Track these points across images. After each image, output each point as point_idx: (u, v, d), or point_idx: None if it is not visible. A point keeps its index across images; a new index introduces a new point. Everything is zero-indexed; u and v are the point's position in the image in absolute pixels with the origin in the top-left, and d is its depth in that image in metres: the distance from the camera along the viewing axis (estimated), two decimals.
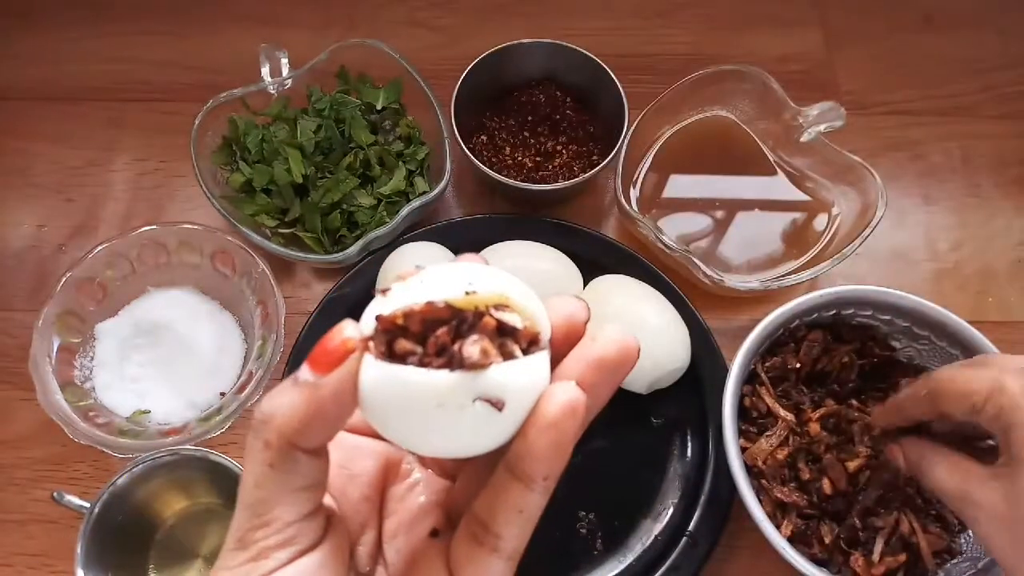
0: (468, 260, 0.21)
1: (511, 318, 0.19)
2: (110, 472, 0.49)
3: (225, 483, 0.46)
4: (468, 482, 0.23)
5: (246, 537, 0.19)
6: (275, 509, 0.19)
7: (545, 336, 0.20)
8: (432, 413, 0.18)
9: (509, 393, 0.18)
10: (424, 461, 0.25)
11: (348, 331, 0.19)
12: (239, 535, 0.19)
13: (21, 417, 0.53)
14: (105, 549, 0.44)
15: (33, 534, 0.50)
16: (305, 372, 0.19)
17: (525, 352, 0.19)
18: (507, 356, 0.18)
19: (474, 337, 0.18)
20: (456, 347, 0.18)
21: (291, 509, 0.19)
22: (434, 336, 0.18)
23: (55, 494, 0.47)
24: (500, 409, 0.18)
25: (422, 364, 0.18)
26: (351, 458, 0.24)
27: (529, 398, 0.19)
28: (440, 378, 0.18)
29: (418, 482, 0.24)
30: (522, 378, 0.18)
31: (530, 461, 0.18)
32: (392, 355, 0.18)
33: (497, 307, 0.19)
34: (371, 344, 0.18)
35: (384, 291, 0.19)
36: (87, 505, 0.44)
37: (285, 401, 0.19)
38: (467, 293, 0.19)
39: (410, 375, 0.18)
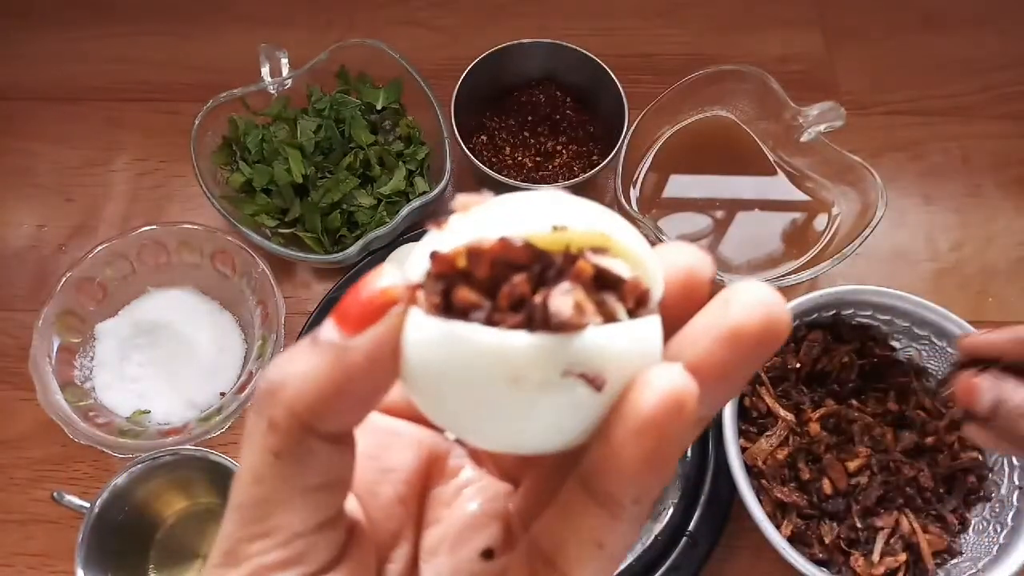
0: (540, 192, 0.15)
1: (614, 264, 0.14)
2: (110, 472, 0.49)
3: (225, 483, 0.46)
4: (535, 488, 0.17)
5: (237, 549, 0.14)
6: (279, 514, 0.14)
7: (657, 294, 0.14)
8: (502, 390, 0.13)
9: (611, 368, 0.13)
10: (479, 457, 0.19)
11: (391, 276, 0.14)
12: (227, 545, 0.14)
13: (21, 417, 0.53)
14: (105, 549, 0.44)
15: (33, 534, 0.50)
16: (329, 330, 0.14)
17: (631, 314, 0.14)
18: (607, 318, 0.13)
19: (565, 286, 0.13)
20: (539, 300, 0.13)
21: (300, 515, 0.14)
22: (509, 284, 0.13)
23: (55, 494, 0.47)
24: (599, 388, 0.13)
25: (491, 322, 0.13)
26: (384, 447, 0.18)
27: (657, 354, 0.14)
28: (517, 341, 0.13)
29: (470, 483, 0.18)
30: (629, 348, 0.13)
31: (615, 477, 0.13)
32: (450, 309, 0.13)
33: (595, 250, 0.14)
34: (420, 294, 0.14)
35: (440, 223, 0.14)
36: (87, 505, 0.44)
37: (300, 367, 0.13)
38: (555, 228, 0.13)
39: (475, 336, 0.13)
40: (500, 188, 0.55)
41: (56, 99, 0.63)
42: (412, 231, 0.55)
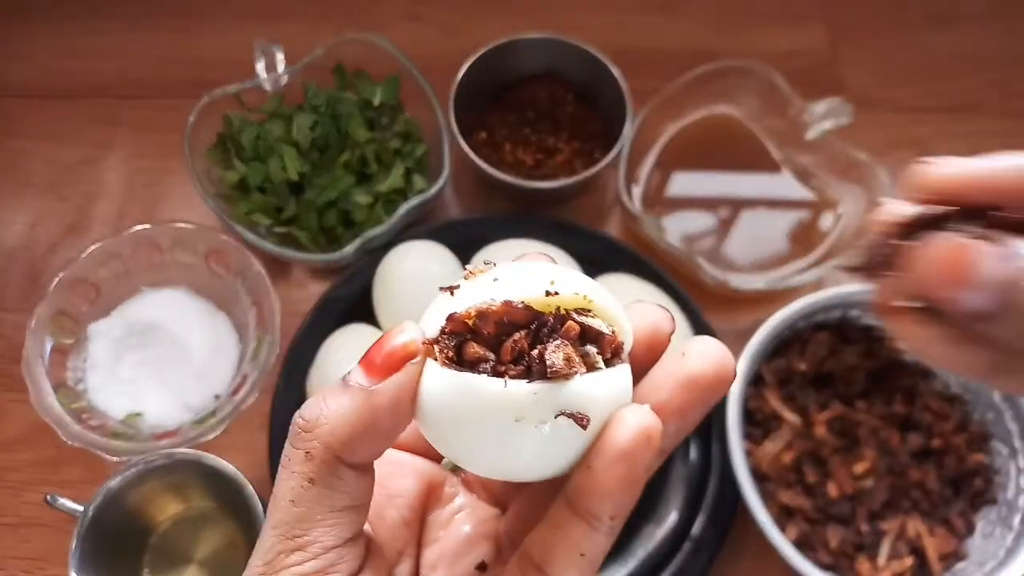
0: (535, 259, 0.19)
1: (596, 323, 0.17)
2: (104, 475, 0.48)
3: (220, 487, 0.45)
4: (522, 512, 0.21)
5: (277, 561, 0.17)
6: (314, 531, 0.17)
7: (628, 345, 0.18)
8: (506, 428, 0.16)
9: (593, 408, 0.16)
10: (471, 484, 0.22)
11: (411, 332, 0.17)
12: (269, 557, 0.17)
13: (14, 419, 0.52)
14: (99, 553, 0.43)
15: (27, 537, 0.50)
16: (358, 375, 0.17)
17: (608, 363, 0.17)
18: (590, 367, 0.16)
19: (557, 342, 0.16)
20: (536, 354, 0.16)
21: (332, 532, 0.17)
22: (511, 340, 0.16)
23: (48, 497, 0.46)
24: (584, 426, 0.16)
25: (496, 373, 0.16)
26: (390, 475, 0.21)
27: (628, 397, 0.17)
28: (519, 389, 0.16)
29: (463, 508, 0.22)
30: (607, 392, 0.16)
31: (595, 497, 0.16)
32: (461, 362, 0.16)
33: (579, 311, 0.17)
34: (436, 348, 0.17)
35: (451, 289, 0.17)
36: (81, 508, 0.43)
37: (334, 408, 0.16)
38: (548, 294, 0.17)
39: (484, 385, 0.16)
40: (500, 186, 0.54)
41: (48, 96, 0.63)
42: (410, 229, 0.54)
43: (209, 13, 0.65)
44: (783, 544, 0.42)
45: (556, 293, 0.17)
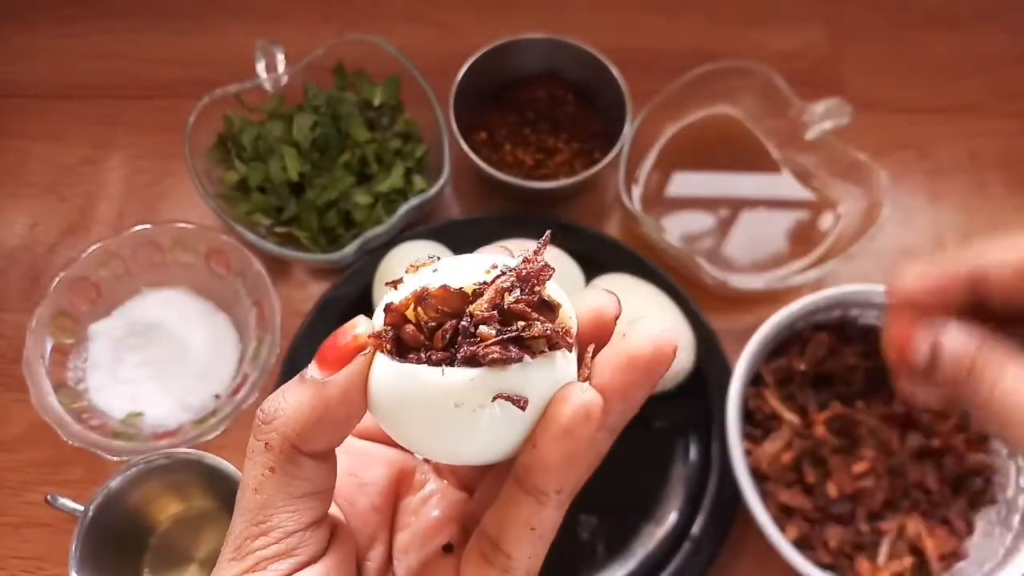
0: (489, 251, 0.19)
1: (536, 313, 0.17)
2: (104, 475, 0.48)
3: (220, 486, 0.45)
4: (487, 494, 0.21)
5: (244, 546, 0.18)
6: (275, 516, 0.18)
7: (572, 331, 0.18)
8: (448, 414, 0.16)
9: (533, 392, 0.17)
10: (440, 471, 0.23)
11: (360, 327, 0.18)
12: (237, 543, 0.18)
13: (14, 419, 0.52)
14: (100, 553, 0.43)
15: (27, 537, 0.50)
16: (313, 370, 0.18)
17: (552, 347, 0.17)
18: (530, 352, 0.17)
19: (491, 329, 0.16)
20: (469, 344, 0.16)
21: (293, 517, 0.18)
22: (441, 329, 0.17)
23: (48, 497, 0.46)
24: (523, 408, 0.16)
25: (433, 361, 0.17)
26: (361, 465, 0.22)
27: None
28: (456, 375, 0.16)
29: (433, 494, 0.22)
30: (548, 376, 0.17)
31: (540, 473, 0.17)
32: (402, 352, 0.17)
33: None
34: (383, 341, 0.17)
35: (395, 283, 0.18)
36: (81, 508, 0.43)
37: (289, 400, 0.18)
38: (485, 283, 0.17)
39: (423, 373, 0.16)
40: (500, 186, 0.54)
41: (49, 96, 0.63)
42: (410, 230, 0.54)
43: (209, 14, 0.65)
44: (783, 544, 0.42)
45: (497, 279, 0.17)
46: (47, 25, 0.65)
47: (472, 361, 0.16)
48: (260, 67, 0.54)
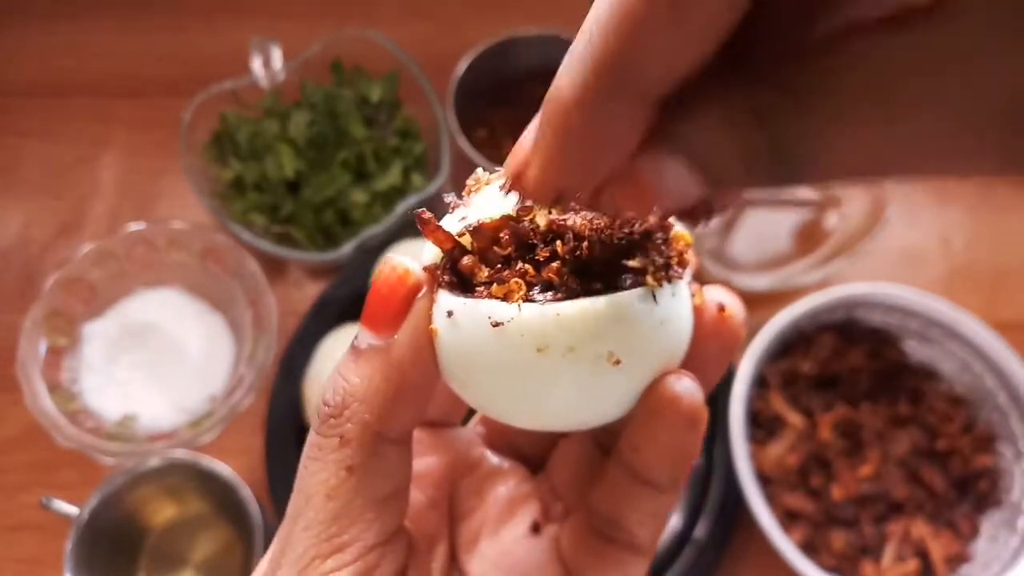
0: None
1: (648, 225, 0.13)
2: (99, 477, 0.48)
3: (216, 490, 0.45)
4: (565, 463, 0.19)
5: (312, 567, 0.15)
6: (353, 527, 0.15)
7: (690, 262, 0.14)
8: (530, 360, 0.12)
9: (632, 346, 0.13)
10: (495, 444, 0.20)
11: (406, 263, 0.14)
12: (302, 564, 0.15)
13: (8, 421, 0.52)
14: (95, 556, 0.43)
15: (22, 540, 0.49)
16: (366, 336, 0.14)
17: (668, 280, 0.14)
18: (637, 282, 0.13)
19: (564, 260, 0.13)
20: (553, 274, 0.13)
21: (374, 527, 0.15)
22: (530, 246, 0.13)
23: (43, 500, 0.46)
24: (616, 363, 0.13)
25: (507, 290, 0.12)
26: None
27: (679, 347, 0.14)
28: (537, 311, 0.12)
29: (492, 472, 0.19)
30: (646, 327, 0.13)
31: (658, 472, 0.15)
32: (466, 288, 0.13)
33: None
34: (441, 274, 0.13)
35: (455, 206, 0.14)
36: (76, 511, 0.43)
37: (356, 381, 0.14)
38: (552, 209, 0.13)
39: (497, 310, 0.12)
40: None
41: (44, 94, 0.62)
42: (409, 228, 0.53)
43: (205, 10, 0.65)
44: (787, 547, 0.41)
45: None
46: (42, 23, 0.65)
47: (569, 290, 0.12)
48: (256, 64, 0.53)
